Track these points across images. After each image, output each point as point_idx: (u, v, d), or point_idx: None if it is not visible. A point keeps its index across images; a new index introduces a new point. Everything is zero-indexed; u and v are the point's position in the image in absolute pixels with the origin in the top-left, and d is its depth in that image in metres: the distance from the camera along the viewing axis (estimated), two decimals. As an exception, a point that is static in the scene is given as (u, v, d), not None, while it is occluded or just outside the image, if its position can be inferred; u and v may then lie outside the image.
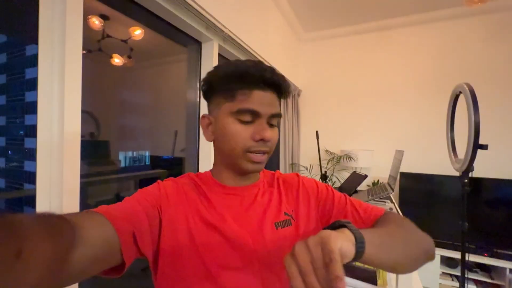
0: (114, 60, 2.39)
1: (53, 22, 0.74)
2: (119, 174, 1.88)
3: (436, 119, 2.37)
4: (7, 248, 0.20)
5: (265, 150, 0.50)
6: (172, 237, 0.46)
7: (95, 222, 0.37)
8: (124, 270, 0.40)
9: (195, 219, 0.48)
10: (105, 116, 2.12)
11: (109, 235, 0.37)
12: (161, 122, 2.52)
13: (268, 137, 0.48)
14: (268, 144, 0.50)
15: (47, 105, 0.74)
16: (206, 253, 0.46)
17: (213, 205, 0.51)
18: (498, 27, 2.18)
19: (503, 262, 1.99)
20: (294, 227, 0.53)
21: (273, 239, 0.50)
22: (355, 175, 1.45)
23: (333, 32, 2.76)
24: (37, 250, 0.24)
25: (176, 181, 0.54)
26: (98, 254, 0.35)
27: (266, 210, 0.53)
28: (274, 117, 0.51)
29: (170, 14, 1.22)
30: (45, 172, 0.74)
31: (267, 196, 0.56)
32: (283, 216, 0.53)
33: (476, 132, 0.83)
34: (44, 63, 0.74)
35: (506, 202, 2.08)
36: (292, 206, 0.56)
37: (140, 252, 0.42)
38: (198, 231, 0.47)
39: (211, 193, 0.53)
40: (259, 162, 0.50)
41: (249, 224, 0.50)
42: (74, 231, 0.31)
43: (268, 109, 0.49)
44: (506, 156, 2.16)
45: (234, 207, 0.52)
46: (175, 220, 0.47)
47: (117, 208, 0.42)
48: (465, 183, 0.96)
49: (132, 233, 0.40)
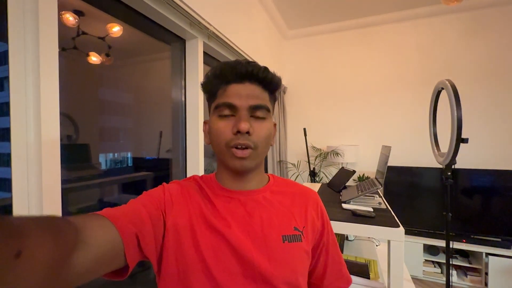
0: (91, 59, 2.27)
1: (24, 17, 0.69)
2: (102, 179, 1.79)
3: (418, 114, 2.47)
4: (6, 248, 0.20)
5: (245, 143, 0.46)
6: (176, 240, 0.45)
7: (98, 224, 0.36)
8: (128, 273, 0.40)
9: (199, 222, 0.47)
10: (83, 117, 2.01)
11: (112, 237, 0.37)
12: (144, 123, 2.43)
13: (242, 128, 0.45)
14: (250, 138, 0.47)
15: (21, 107, 0.68)
16: (210, 257, 0.44)
17: (217, 209, 0.49)
18: (473, 24, 2.30)
19: (480, 247, 2.12)
20: (303, 244, 0.50)
21: (279, 253, 0.47)
22: (343, 171, 1.48)
23: (316, 29, 2.79)
24: (38, 251, 0.23)
25: (180, 184, 0.53)
26: (101, 256, 0.34)
27: (273, 220, 0.50)
28: (256, 109, 0.48)
29: (151, 11, 1.17)
30: (22, 179, 0.68)
31: (276, 205, 0.53)
32: (293, 230, 0.50)
33: (459, 127, 0.86)
34: (15, 62, 0.68)
35: (479, 190, 2.22)
36: (303, 222, 0.53)
37: (143, 254, 0.42)
38: (202, 234, 0.46)
39: (214, 196, 0.51)
40: (243, 158, 0.47)
41: (253, 234, 0.48)
42: (77, 232, 0.31)
43: (245, 101, 0.47)
44: (480, 148, 2.30)
45: (238, 213, 0.49)
46: (179, 223, 0.46)
47: (121, 210, 0.42)
48: (449, 176, 1.00)
49: (135, 236, 0.40)
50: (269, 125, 0.50)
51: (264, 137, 0.49)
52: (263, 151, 0.50)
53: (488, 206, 2.19)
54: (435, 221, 2.29)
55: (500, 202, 2.14)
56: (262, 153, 0.50)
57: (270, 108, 0.51)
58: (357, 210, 0.98)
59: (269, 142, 0.52)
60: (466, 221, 2.22)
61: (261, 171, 0.56)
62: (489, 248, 2.09)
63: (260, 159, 0.52)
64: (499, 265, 2.04)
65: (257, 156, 0.49)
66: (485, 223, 2.17)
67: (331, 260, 0.57)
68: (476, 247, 2.13)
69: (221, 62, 0.52)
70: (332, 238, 0.59)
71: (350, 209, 1.01)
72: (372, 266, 1.07)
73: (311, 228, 0.54)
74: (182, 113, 1.50)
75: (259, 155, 0.50)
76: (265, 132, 0.49)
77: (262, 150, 0.50)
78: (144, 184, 1.98)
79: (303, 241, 0.50)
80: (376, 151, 2.54)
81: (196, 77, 1.47)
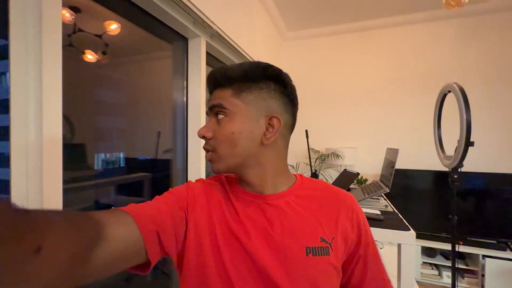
0: (87, 56, 2.21)
1: (26, 13, 0.65)
2: (99, 179, 1.74)
3: (416, 117, 2.49)
4: (26, 243, 0.20)
5: (204, 147, 0.48)
6: (196, 239, 0.45)
7: (120, 221, 0.37)
8: (150, 268, 0.40)
9: (221, 224, 0.46)
10: (79, 116, 1.96)
11: (133, 234, 0.37)
12: (143, 122, 2.38)
13: (199, 133, 0.47)
14: (208, 142, 0.47)
15: (22, 104, 0.65)
16: (228, 262, 0.43)
17: (237, 213, 0.47)
18: (472, 29, 2.34)
19: (476, 249, 2.14)
20: (331, 258, 0.44)
21: (300, 268, 0.42)
22: (346, 173, 1.47)
23: (316, 32, 2.79)
24: (58, 247, 0.23)
25: (205, 183, 0.53)
26: (121, 252, 0.35)
27: (296, 229, 0.45)
28: (212, 109, 0.48)
29: (154, 7, 1.14)
30: (21, 179, 0.64)
31: (300, 211, 0.47)
32: (319, 242, 0.45)
33: (468, 130, 0.87)
34: (17, 58, 0.64)
35: (475, 193, 2.25)
36: (333, 233, 0.46)
37: (164, 251, 0.42)
38: (222, 237, 0.45)
39: (235, 198, 0.49)
40: (208, 160, 0.49)
41: (272, 244, 0.44)
42: (98, 229, 0.31)
43: (210, 104, 0.48)
44: (474, 150, 2.32)
45: (257, 219, 0.46)
46: (200, 223, 0.46)
47: (143, 207, 0.42)
48: (455, 179, 1.00)
49: (156, 233, 0.40)
50: (231, 124, 0.45)
51: (222, 139, 0.45)
52: (228, 152, 0.46)
53: (484, 208, 2.22)
54: (432, 223, 2.30)
55: (496, 204, 2.17)
56: (228, 154, 0.46)
57: (227, 105, 0.45)
58: (365, 213, 0.97)
59: (236, 142, 0.45)
60: (462, 224, 2.24)
61: (277, 173, 0.50)
62: (486, 250, 2.12)
63: (234, 160, 0.46)
64: (495, 267, 2.06)
65: (221, 158, 0.46)
66: (481, 226, 2.20)
67: (370, 276, 0.49)
68: (473, 249, 2.15)
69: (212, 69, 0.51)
70: (373, 251, 0.51)
71: (358, 211, 0.99)
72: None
73: (343, 240, 0.47)
74: (183, 113, 1.47)
75: (222, 157, 0.46)
76: (224, 133, 0.45)
77: (226, 151, 0.46)
78: (141, 185, 1.94)
79: (331, 254, 0.44)
80: (374, 154, 2.55)
81: (198, 77, 1.44)
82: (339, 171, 2.56)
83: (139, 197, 1.93)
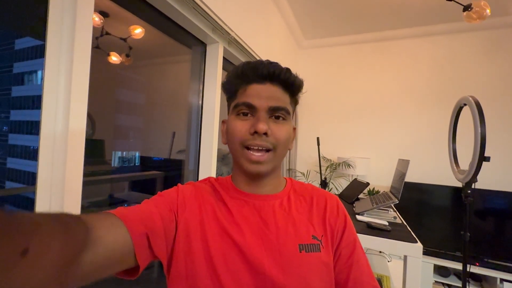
0: (111, 58, 2.34)
1: (62, 15, 0.72)
2: (114, 175, 1.82)
3: (431, 130, 2.43)
4: (12, 245, 0.20)
5: (262, 144, 0.45)
6: (186, 242, 0.44)
7: (109, 223, 0.36)
8: (139, 273, 0.39)
9: (212, 226, 0.46)
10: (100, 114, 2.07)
11: (123, 237, 0.36)
12: (159, 123, 2.47)
13: (260, 128, 0.44)
14: (267, 139, 0.45)
15: (52, 100, 0.71)
16: (219, 263, 0.43)
17: (231, 213, 0.48)
18: (493, 43, 2.27)
19: (494, 272, 2.03)
20: (322, 254, 0.47)
21: (294, 264, 0.44)
22: (356, 183, 1.46)
23: (332, 41, 2.80)
24: (46, 249, 0.23)
25: (195, 185, 0.53)
26: (110, 255, 0.34)
27: (289, 228, 0.47)
28: (276, 110, 0.47)
29: (176, 13, 1.20)
30: (47, 170, 0.70)
31: (293, 212, 0.50)
32: (311, 239, 0.47)
33: (482, 144, 0.85)
34: (51, 57, 0.70)
35: (494, 212, 2.14)
36: (322, 231, 0.50)
37: (154, 255, 0.41)
38: (213, 239, 0.45)
39: (229, 199, 0.50)
40: (258, 162, 0.46)
41: (268, 243, 0.45)
42: (87, 231, 0.30)
43: (265, 101, 0.46)
44: (497, 168, 2.23)
45: (252, 219, 0.48)
46: (191, 225, 0.46)
47: (133, 210, 0.41)
48: (468, 194, 0.97)
49: (146, 236, 0.39)
50: (288, 127, 0.49)
51: (282, 139, 0.47)
52: (281, 154, 0.49)
53: (504, 229, 2.11)
54: (446, 241, 2.21)
55: (517, 226, 2.06)
56: (280, 156, 0.49)
57: (290, 111, 0.49)
58: (372, 222, 0.96)
59: (288, 145, 0.50)
60: (480, 244, 2.14)
61: (278, 175, 0.54)
62: (504, 273, 2.00)
63: (277, 163, 0.50)
64: (514, 292, 1.94)
65: (274, 159, 0.48)
66: (500, 247, 2.09)
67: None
68: (490, 272, 2.04)
69: (242, 62, 0.51)
70: (359, 250, 0.53)
71: (365, 221, 0.99)
72: (385, 282, 1.04)
73: (331, 235, 0.50)
74: (198, 116, 1.52)
75: (276, 157, 0.48)
76: (284, 134, 0.48)
77: (280, 153, 0.49)
78: (154, 182, 2.00)
79: (322, 251, 0.47)
80: (388, 166, 2.50)
81: (214, 82, 1.49)
82: (349, 181, 2.52)
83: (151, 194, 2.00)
